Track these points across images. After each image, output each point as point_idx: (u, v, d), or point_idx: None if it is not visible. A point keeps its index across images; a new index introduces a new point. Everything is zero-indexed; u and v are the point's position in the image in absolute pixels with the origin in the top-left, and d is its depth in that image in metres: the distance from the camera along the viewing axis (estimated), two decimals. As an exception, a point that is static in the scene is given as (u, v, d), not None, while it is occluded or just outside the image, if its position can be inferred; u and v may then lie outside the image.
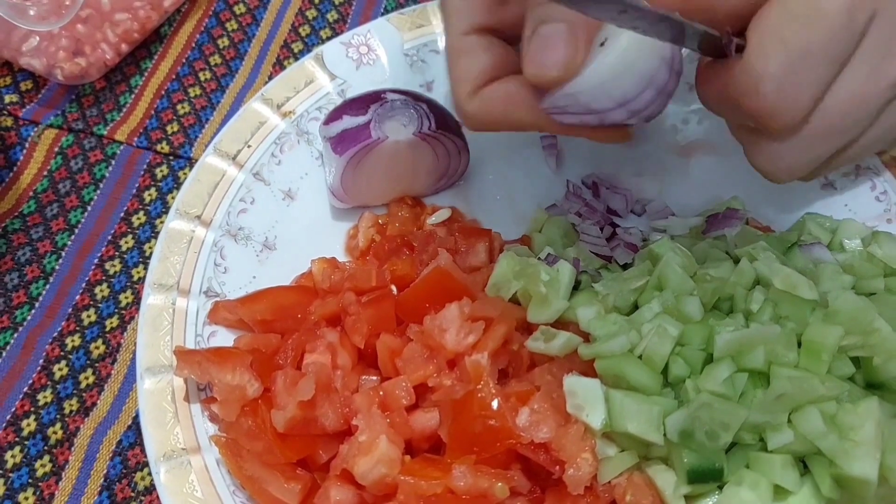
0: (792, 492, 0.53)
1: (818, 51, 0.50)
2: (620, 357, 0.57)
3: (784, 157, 0.57)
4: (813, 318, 0.57)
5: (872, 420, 0.52)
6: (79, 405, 0.71)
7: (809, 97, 0.52)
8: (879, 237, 0.66)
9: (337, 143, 0.70)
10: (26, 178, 0.83)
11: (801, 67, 0.50)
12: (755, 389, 0.55)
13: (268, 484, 0.59)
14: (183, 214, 0.71)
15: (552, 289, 0.62)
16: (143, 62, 0.90)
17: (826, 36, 0.50)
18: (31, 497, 0.67)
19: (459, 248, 0.70)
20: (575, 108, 0.54)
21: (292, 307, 0.67)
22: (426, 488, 0.55)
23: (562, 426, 0.56)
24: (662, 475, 0.55)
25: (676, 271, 0.61)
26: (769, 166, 0.59)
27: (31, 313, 0.75)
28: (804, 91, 0.51)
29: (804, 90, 0.51)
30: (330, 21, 0.94)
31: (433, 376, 0.60)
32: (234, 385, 0.60)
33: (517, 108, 0.58)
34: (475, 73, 0.59)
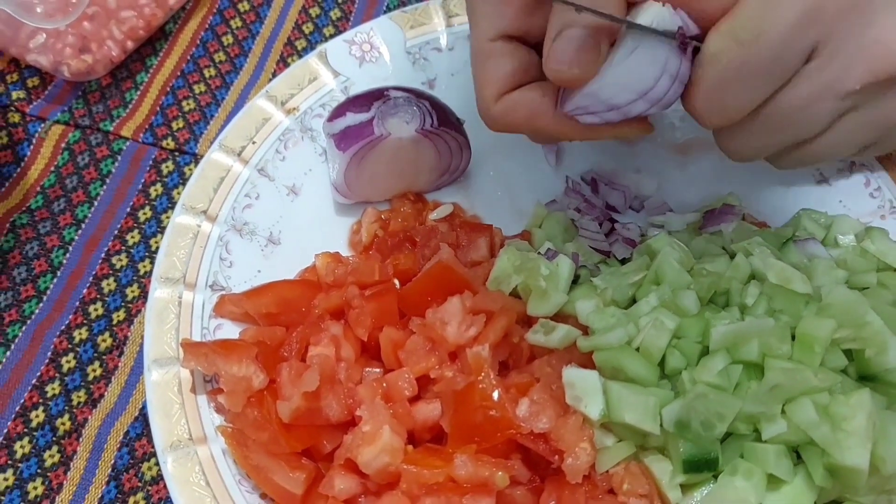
0: (785, 481, 0.54)
1: (753, 71, 0.54)
2: (618, 349, 0.58)
3: (734, 142, 0.61)
4: (806, 311, 0.58)
5: (864, 411, 0.53)
6: (86, 397, 0.72)
7: (739, 109, 0.57)
8: (873, 233, 0.67)
9: (340, 139, 0.71)
10: (34, 174, 0.84)
11: (733, 84, 0.54)
12: (750, 381, 0.56)
13: (273, 473, 0.60)
14: (189, 209, 0.72)
15: (552, 283, 0.63)
16: (148, 59, 0.92)
17: (763, 59, 0.53)
18: (39, 487, 0.68)
19: (461, 243, 0.71)
20: (597, 107, 0.57)
21: (297, 301, 0.68)
22: (428, 477, 0.56)
23: (561, 417, 0.57)
24: (659, 464, 0.56)
25: (673, 266, 0.62)
26: (724, 146, 0.63)
27: (39, 307, 0.76)
28: (733, 104, 0.56)
29: (733, 103, 0.56)
30: (333, 19, 0.95)
31: (435, 368, 0.61)
32: (239, 376, 0.61)
33: (540, 115, 0.60)
34: (500, 77, 0.60)
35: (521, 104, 0.61)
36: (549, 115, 0.60)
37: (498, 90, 0.61)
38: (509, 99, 0.61)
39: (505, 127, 0.62)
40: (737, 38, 0.52)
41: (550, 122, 0.60)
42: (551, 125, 0.60)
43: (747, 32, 0.52)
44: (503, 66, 0.61)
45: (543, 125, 0.61)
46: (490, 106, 0.61)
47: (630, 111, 0.57)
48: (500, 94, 0.61)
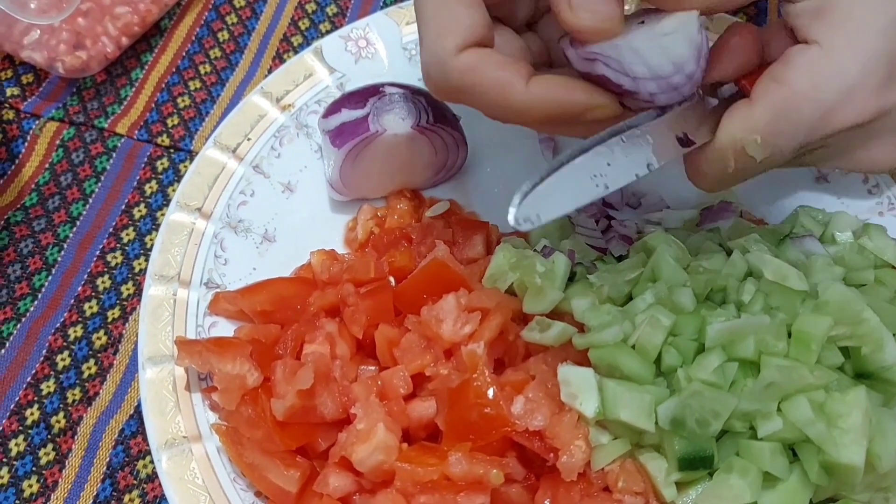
0: (781, 479, 0.54)
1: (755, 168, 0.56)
2: (614, 347, 0.58)
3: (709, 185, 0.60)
4: (803, 308, 0.58)
5: (860, 408, 0.53)
6: (81, 395, 0.72)
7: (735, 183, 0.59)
8: (870, 230, 0.67)
9: (336, 136, 0.71)
10: (28, 171, 0.83)
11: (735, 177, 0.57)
12: (745, 378, 0.56)
13: (268, 471, 0.59)
14: (183, 207, 0.72)
15: (547, 280, 0.63)
16: (143, 55, 0.91)
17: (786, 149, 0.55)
18: (35, 485, 0.68)
19: (457, 240, 0.70)
20: (615, 65, 0.53)
21: (292, 298, 0.68)
22: (423, 475, 0.56)
23: (556, 414, 0.57)
24: (654, 462, 0.56)
25: (670, 263, 0.62)
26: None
27: (34, 304, 0.76)
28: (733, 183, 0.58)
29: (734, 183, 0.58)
30: (329, 15, 0.95)
31: (430, 366, 0.61)
32: (234, 374, 0.61)
33: (511, 86, 0.52)
34: (468, 26, 0.52)
35: (492, 65, 0.52)
36: (521, 88, 0.52)
37: (462, 40, 0.52)
38: (479, 54, 0.52)
39: (461, 89, 0.53)
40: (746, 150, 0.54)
41: (520, 98, 0.52)
42: (520, 102, 0.52)
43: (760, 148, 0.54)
44: (470, 14, 0.53)
45: (511, 100, 0.52)
46: (449, 58, 0.52)
47: (639, 87, 0.53)
48: (465, 47, 0.52)
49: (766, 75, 0.54)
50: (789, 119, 0.53)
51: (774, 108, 0.53)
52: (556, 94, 0.53)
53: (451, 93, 0.54)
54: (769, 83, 0.53)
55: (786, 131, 0.54)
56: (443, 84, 0.54)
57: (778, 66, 0.54)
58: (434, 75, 0.54)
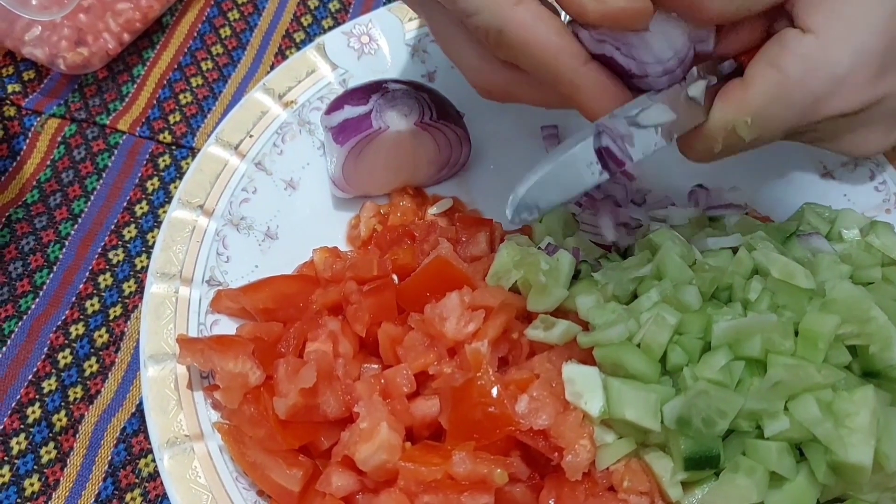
0: (788, 478, 0.54)
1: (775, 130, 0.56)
2: (619, 345, 0.57)
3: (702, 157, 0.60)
4: (810, 306, 0.57)
5: (868, 408, 0.52)
6: (83, 393, 0.71)
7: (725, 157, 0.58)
8: (877, 227, 0.66)
9: (338, 132, 0.71)
10: (29, 168, 0.83)
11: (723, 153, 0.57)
12: (752, 377, 0.55)
13: (270, 470, 0.59)
14: (185, 204, 0.71)
15: (552, 278, 0.62)
16: (145, 52, 0.91)
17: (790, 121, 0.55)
18: (36, 483, 0.68)
19: (460, 238, 0.70)
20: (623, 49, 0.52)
21: (294, 296, 0.67)
22: (426, 474, 0.55)
23: (560, 413, 0.56)
24: (660, 462, 0.55)
25: (675, 261, 0.61)
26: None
27: (36, 302, 0.76)
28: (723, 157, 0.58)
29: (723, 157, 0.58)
30: (332, 10, 0.94)
31: (434, 364, 0.60)
32: (236, 373, 0.61)
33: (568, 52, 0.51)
34: None
35: (551, 26, 0.50)
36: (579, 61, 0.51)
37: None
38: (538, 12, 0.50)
39: (513, 45, 0.51)
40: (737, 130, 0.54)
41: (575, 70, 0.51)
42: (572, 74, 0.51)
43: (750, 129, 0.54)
44: None
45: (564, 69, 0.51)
46: (508, 10, 0.50)
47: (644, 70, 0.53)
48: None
49: (761, 57, 0.55)
50: (780, 104, 0.54)
51: (766, 92, 0.54)
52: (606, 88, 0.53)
53: (507, 48, 0.52)
54: (764, 66, 0.54)
55: (776, 115, 0.54)
56: (499, 38, 0.51)
57: (773, 48, 0.54)
58: (493, 35, 0.51)
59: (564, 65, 0.51)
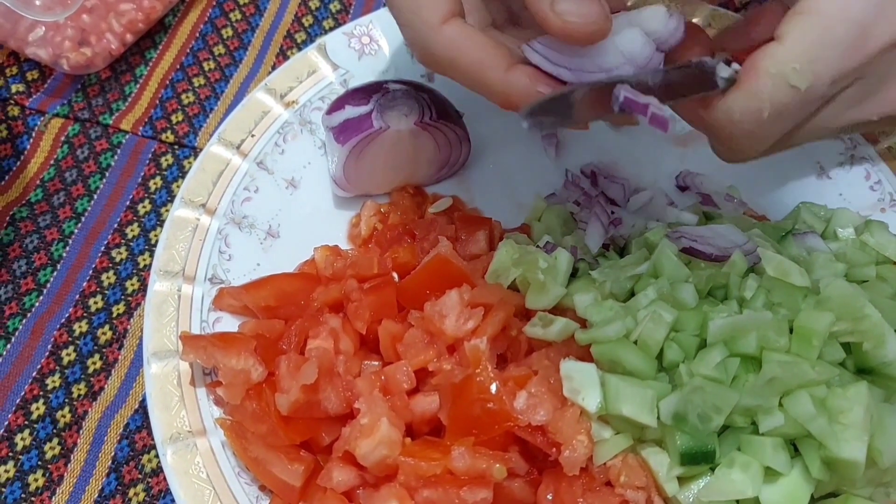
0: (782, 473, 0.54)
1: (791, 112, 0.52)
2: (616, 342, 0.58)
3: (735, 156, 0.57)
4: (805, 304, 0.58)
5: (861, 404, 0.53)
6: (86, 389, 0.72)
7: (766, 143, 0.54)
8: (872, 226, 0.67)
9: (339, 132, 0.71)
10: (33, 167, 0.84)
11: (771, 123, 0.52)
12: (747, 374, 0.56)
13: (272, 465, 0.60)
14: (188, 203, 0.72)
15: (550, 276, 0.63)
16: (147, 52, 0.92)
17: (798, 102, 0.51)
18: (40, 479, 0.68)
19: (460, 237, 0.71)
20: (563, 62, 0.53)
21: (296, 294, 0.68)
22: (426, 469, 0.56)
23: (558, 409, 0.57)
24: (656, 457, 0.56)
25: (672, 259, 0.62)
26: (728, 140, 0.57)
27: (40, 300, 0.76)
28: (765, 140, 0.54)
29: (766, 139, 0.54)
30: (332, 11, 0.95)
31: (433, 361, 0.61)
32: (238, 369, 0.61)
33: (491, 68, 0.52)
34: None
35: (474, 43, 0.52)
36: (500, 75, 0.52)
37: (439, 12, 0.51)
38: (461, 31, 0.52)
39: (443, 63, 0.53)
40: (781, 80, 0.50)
41: (498, 84, 0.52)
42: (497, 86, 0.52)
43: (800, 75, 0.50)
44: None
45: (490, 83, 0.52)
46: (431, 31, 0.51)
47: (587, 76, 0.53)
48: (446, 18, 0.51)
49: (791, 14, 0.51)
50: (825, 43, 0.50)
51: (807, 37, 0.50)
52: (533, 89, 0.52)
53: (435, 65, 0.54)
54: (795, 17, 0.50)
55: (823, 56, 0.50)
56: (427, 57, 0.53)
57: (800, 3, 0.51)
58: (418, 48, 0.53)
59: (489, 77, 0.52)
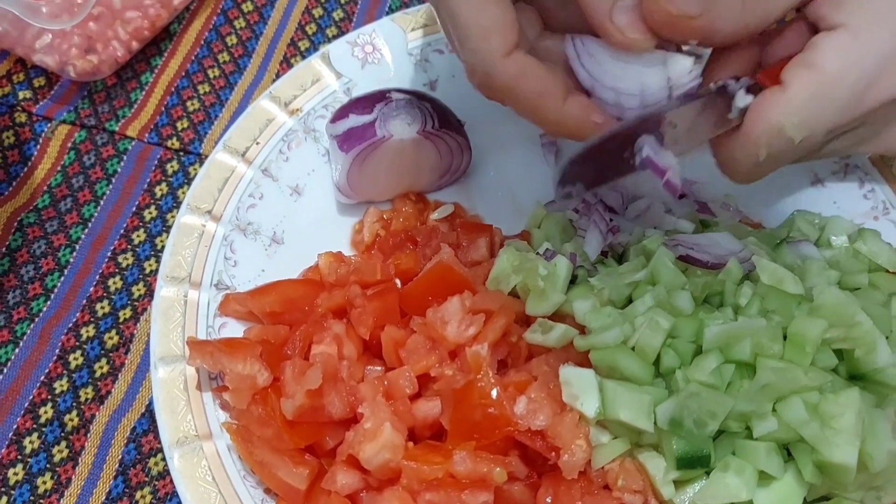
0: (776, 477, 0.56)
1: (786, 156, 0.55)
2: (614, 349, 0.59)
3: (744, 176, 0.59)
4: (798, 311, 0.60)
5: (853, 409, 0.54)
6: (94, 393, 0.73)
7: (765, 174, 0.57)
8: (865, 234, 0.68)
9: (343, 140, 0.73)
10: (40, 173, 0.85)
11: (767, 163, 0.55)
12: (742, 380, 0.57)
13: (277, 469, 0.61)
14: (194, 210, 0.73)
15: (550, 283, 0.64)
16: (153, 59, 0.93)
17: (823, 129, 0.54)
18: (49, 481, 0.70)
19: (461, 243, 0.72)
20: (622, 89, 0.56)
21: (300, 300, 0.69)
22: (428, 473, 0.57)
23: (557, 414, 0.58)
24: (653, 461, 0.57)
25: (669, 266, 0.64)
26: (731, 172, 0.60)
27: (47, 304, 0.78)
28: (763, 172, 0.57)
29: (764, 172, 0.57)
30: (336, 19, 0.96)
31: (435, 366, 0.62)
32: (244, 374, 0.63)
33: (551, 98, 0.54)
34: (508, 25, 0.52)
35: (535, 75, 0.53)
36: (558, 105, 0.54)
37: (507, 43, 0.52)
38: (525, 63, 0.53)
39: (503, 92, 0.54)
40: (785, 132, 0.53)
41: (554, 114, 0.54)
42: (553, 116, 0.55)
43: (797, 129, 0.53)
44: (507, 13, 0.52)
45: (547, 113, 0.55)
46: (497, 61, 0.52)
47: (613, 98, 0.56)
48: (511, 49, 0.53)
49: (796, 63, 0.54)
50: (824, 100, 0.53)
51: (808, 92, 0.53)
52: (586, 120, 0.55)
53: (492, 91, 0.55)
54: (800, 69, 0.53)
55: (820, 113, 0.53)
56: (487, 83, 0.55)
57: (807, 54, 0.54)
58: (480, 74, 0.54)
59: (546, 108, 0.54)
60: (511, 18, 0.53)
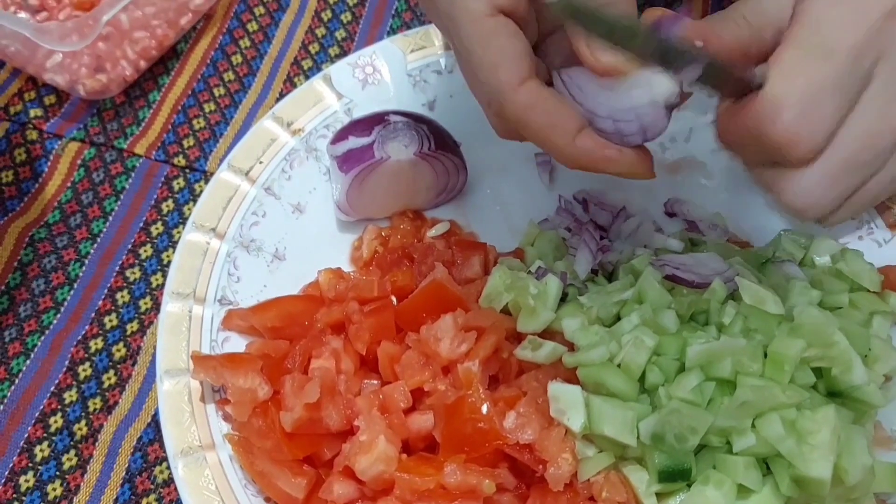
0: (754, 490, 0.58)
1: (830, 85, 0.54)
2: (601, 366, 0.61)
3: (810, 191, 0.58)
4: (779, 331, 0.62)
5: (829, 426, 0.56)
6: (102, 404, 0.76)
7: (824, 128, 0.55)
8: (847, 254, 0.70)
9: (343, 161, 0.75)
10: (51, 189, 0.88)
11: (816, 99, 0.54)
12: (722, 397, 0.59)
13: (277, 478, 0.63)
14: (199, 227, 0.76)
15: (540, 301, 0.67)
16: (160, 78, 0.96)
17: (836, 72, 0.54)
18: (58, 488, 0.72)
19: (456, 261, 0.74)
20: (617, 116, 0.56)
21: (300, 315, 0.71)
22: (420, 484, 0.59)
23: (545, 428, 0.60)
24: (636, 474, 0.59)
25: (655, 286, 0.66)
26: (796, 202, 0.58)
27: (57, 317, 0.80)
28: (819, 121, 0.55)
29: (819, 120, 0.55)
30: (338, 39, 0.99)
31: (429, 381, 0.64)
32: (246, 388, 0.65)
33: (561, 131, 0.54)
34: (519, 55, 0.53)
35: (546, 107, 0.53)
36: (569, 140, 0.55)
37: (519, 73, 0.52)
38: (537, 93, 0.53)
39: (516, 122, 0.54)
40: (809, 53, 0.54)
41: (566, 148, 0.55)
42: (565, 149, 0.55)
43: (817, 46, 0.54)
44: (517, 43, 0.53)
45: (558, 145, 0.55)
46: (510, 92, 0.53)
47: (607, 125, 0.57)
48: (524, 79, 0.53)
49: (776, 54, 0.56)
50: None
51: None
52: (599, 154, 0.56)
53: (505, 122, 0.56)
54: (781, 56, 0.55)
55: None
56: (498, 113, 0.55)
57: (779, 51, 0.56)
58: (492, 106, 0.55)
59: (558, 141, 0.55)
60: (523, 48, 0.54)
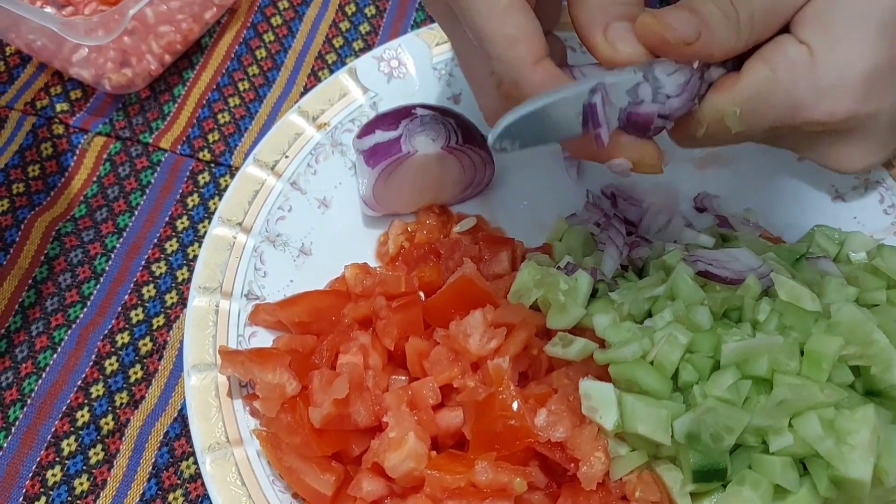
0: (791, 491, 0.57)
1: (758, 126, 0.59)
2: (633, 363, 0.60)
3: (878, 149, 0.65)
4: (815, 328, 0.60)
5: (868, 425, 0.55)
6: (128, 398, 0.76)
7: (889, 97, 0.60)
8: (884, 250, 0.69)
9: (369, 155, 0.75)
10: (77, 184, 0.88)
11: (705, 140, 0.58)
12: (758, 395, 0.58)
13: (305, 475, 0.63)
14: (225, 222, 0.76)
15: (570, 297, 0.66)
16: (185, 72, 0.95)
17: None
18: (85, 483, 0.72)
19: (483, 257, 0.73)
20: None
21: (327, 310, 0.71)
22: (451, 482, 0.59)
23: (577, 426, 0.60)
24: (670, 474, 0.58)
25: (688, 282, 0.65)
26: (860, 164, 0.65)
27: (84, 311, 0.80)
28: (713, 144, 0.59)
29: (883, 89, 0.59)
30: (362, 32, 0.98)
31: (458, 378, 0.64)
32: (274, 383, 0.65)
33: None
34: (533, 33, 0.52)
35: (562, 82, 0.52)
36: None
37: (534, 51, 0.52)
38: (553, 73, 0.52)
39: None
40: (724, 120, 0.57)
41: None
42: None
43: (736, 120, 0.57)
44: (533, 21, 0.52)
45: None
46: (526, 70, 0.52)
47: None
48: (540, 58, 0.52)
49: (759, 53, 0.57)
50: (764, 100, 0.57)
51: (755, 86, 0.56)
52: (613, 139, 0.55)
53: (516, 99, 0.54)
54: (758, 62, 0.57)
55: (759, 110, 0.57)
56: (513, 91, 0.54)
57: (770, 48, 0.57)
58: (506, 82, 0.54)
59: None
60: (535, 27, 0.53)
